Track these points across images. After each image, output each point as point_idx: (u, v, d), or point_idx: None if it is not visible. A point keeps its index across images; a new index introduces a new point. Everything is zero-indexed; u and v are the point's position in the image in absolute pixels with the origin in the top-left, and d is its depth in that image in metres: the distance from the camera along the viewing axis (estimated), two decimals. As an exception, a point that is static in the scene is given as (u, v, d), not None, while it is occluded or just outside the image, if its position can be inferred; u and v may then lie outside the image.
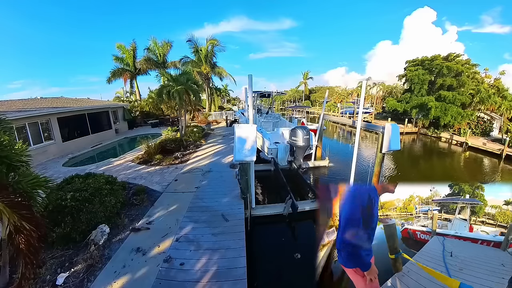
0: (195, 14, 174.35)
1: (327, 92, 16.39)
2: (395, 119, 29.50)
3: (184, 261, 4.52)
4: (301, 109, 39.50)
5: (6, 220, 3.21)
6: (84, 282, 4.07)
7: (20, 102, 14.82)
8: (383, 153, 7.84)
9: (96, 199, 5.56)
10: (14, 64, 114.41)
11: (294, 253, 5.77)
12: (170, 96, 12.66)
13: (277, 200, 8.23)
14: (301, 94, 67.15)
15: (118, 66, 26.44)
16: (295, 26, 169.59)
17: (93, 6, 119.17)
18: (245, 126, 6.42)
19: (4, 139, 3.79)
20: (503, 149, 16.54)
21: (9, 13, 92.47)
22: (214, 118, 28.76)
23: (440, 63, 25.40)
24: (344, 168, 11.77)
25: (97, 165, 10.86)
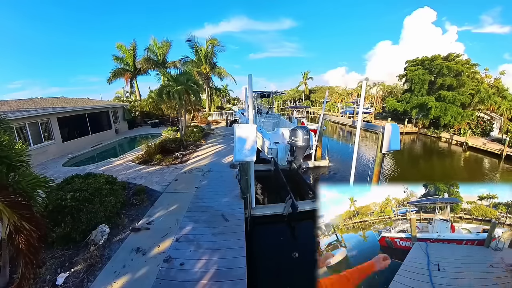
0: (195, 14, 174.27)
1: (327, 92, 16.39)
2: (395, 119, 29.50)
3: (184, 261, 4.52)
4: (301, 109, 39.50)
5: (6, 220, 3.21)
6: (84, 282, 4.07)
7: (20, 102, 14.82)
8: (383, 153, 7.84)
9: (96, 199, 5.56)
10: (14, 64, 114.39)
11: (294, 253, 5.77)
12: (170, 96, 12.66)
13: (277, 200, 8.23)
14: (301, 94, 67.17)
15: (118, 66, 26.42)
16: (295, 26, 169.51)
17: (93, 6, 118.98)
18: (245, 126, 6.42)
19: (4, 139, 3.79)
20: (503, 149, 16.54)
21: (9, 13, 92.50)
22: (214, 118, 28.77)
23: (440, 63, 25.40)
24: (344, 168, 11.78)
25: (97, 165, 10.86)
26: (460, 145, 20.50)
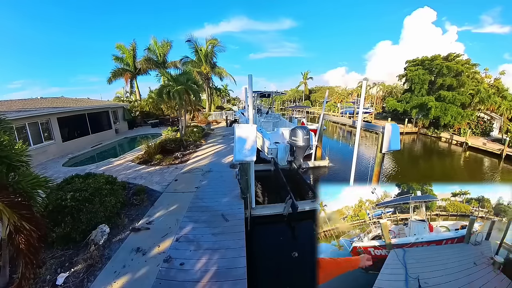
0: (195, 14, 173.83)
1: (327, 92, 16.39)
2: (395, 119, 29.50)
3: (184, 261, 4.52)
4: (301, 109, 39.50)
5: (6, 220, 3.21)
6: (84, 282, 4.07)
7: (20, 102, 14.82)
8: (383, 153, 7.84)
9: (96, 199, 5.56)
10: (14, 64, 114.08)
11: (294, 253, 5.77)
12: (170, 96, 12.66)
13: (277, 200, 8.23)
14: (301, 94, 67.17)
15: (118, 66, 26.41)
16: (295, 26, 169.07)
17: (93, 6, 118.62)
18: (245, 126, 6.42)
19: (4, 139, 3.79)
20: (503, 149, 16.54)
21: (9, 13, 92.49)
22: (214, 118, 28.77)
23: (440, 63, 25.40)
24: (344, 168, 11.77)
25: (97, 165, 10.86)
26: (460, 145, 20.49)
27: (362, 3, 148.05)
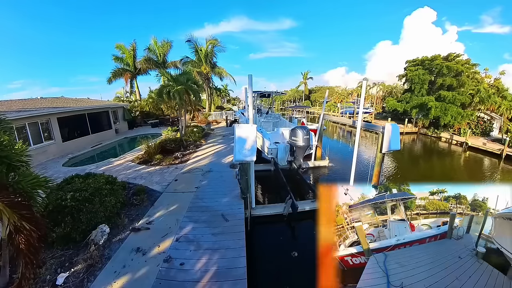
0: (195, 14, 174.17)
1: (327, 92, 16.39)
2: (395, 119, 29.50)
3: (184, 261, 4.52)
4: (301, 109, 39.49)
5: (6, 220, 3.21)
6: (84, 282, 4.07)
7: (20, 102, 14.82)
8: (383, 153, 7.84)
9: (96, 199, 5.56)
10: (14, 64, 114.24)
11: (293, 252, 5.77)
12: (170, 96, 12.65)
13: (277, 200, 8.23)
14: (301, 94, 67.16)
15: (118, 66, 26.40)
16: (295, 26, 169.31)
17: (93, 6, 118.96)
18: (245, 126, 6.42)
19: (4, 139, 3.78)
20: (503, 149, 16.54)
21: (9, 13, 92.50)
22: (214, 118, 28.77)
23: (440, 63, 25.40)
24: (344, 168, 11.77)
25: (97, 165, 10.86)
26: (460, 145, 20.49)
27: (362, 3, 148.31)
